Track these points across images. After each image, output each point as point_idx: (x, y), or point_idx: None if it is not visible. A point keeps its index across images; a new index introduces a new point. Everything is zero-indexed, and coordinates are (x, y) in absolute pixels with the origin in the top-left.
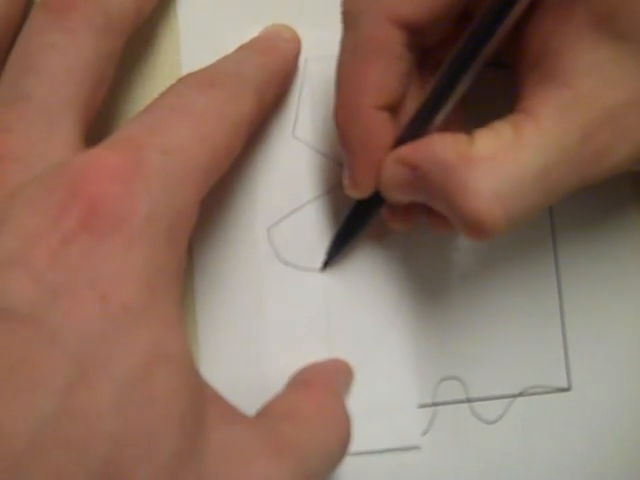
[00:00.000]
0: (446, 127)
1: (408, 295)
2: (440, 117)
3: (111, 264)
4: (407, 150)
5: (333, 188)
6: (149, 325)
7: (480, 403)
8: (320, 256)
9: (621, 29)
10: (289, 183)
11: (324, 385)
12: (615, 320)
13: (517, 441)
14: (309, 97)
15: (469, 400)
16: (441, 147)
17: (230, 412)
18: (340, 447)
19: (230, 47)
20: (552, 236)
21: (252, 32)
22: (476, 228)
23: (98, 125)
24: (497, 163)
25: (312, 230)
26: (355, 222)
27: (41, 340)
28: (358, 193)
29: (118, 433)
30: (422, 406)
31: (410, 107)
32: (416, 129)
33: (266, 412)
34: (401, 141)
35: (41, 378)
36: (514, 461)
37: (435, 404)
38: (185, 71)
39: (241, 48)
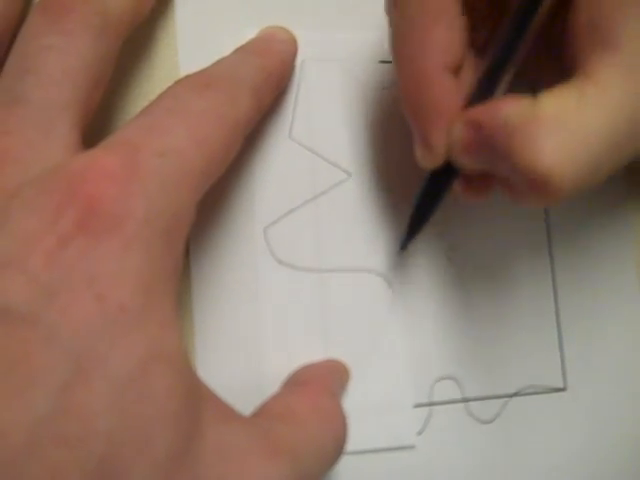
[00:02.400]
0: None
1: (404, 295)
2: (505, 80)
3: (108, 265)
4: (473, 112)
5: (329, 189)
6: (145, 325)
7: (476, 403)
8: (316, 255)
9: None
10: (285, 184)
11: (320, 385)
12: (610, 320)
13: (512, 441)
14: (305, 98)
15: (465, 400)
16: (506, 107)
17: (226, 411)
18: (336, 447)
19: (227, 49)
20: (547, 236)
21: (249, 34)
22: (541, 187)
23: (96, 127)
24: (562, 122)
25: (308, 230)
26: (429, 199)
27: (38, 339)
28: (431, 161)
29: (114, 431)
30: (418, 406)
31: (467, 71)
32: (482, 93)
33: (262, 412)
34: (468, 105)
35: (38, 377)
36: (509, 461)
37: (431, 404)
38: (183, 73)
39: (238, 50)
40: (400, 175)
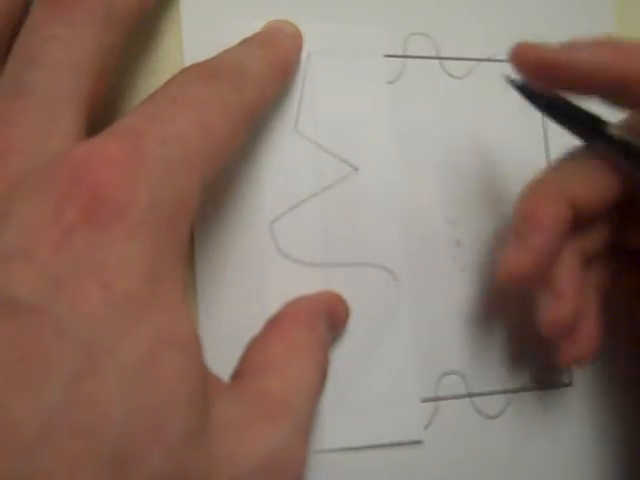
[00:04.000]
0: None
1: (410, 290)
2: None
3: (113, 253)
4: None
5: (335, 183)
6: (152, 311)
7: (482, 398)
8: (321, 249)
9: None
10: (291, 178)
11: (292, 319)
12: (616, 316)
13: (518, 436)
14: (311, 92)
15: (471, 395)
16: None
17: (221, 386)
18: (321, 379)
19: (232, 42)
20: None
21: (254, 27)
22: None
23: (101, 118)
24: None
25: (314, 225)
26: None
27: (47, 330)
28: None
29: (127, 418)
30: (424, 400)
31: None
32: None
33: (245, 369)
34: None
35: (49, 368)
36: (515, 455)
37: (437, 399)
38: (188, 64)
39: (243, 42)
40: (406, 169)
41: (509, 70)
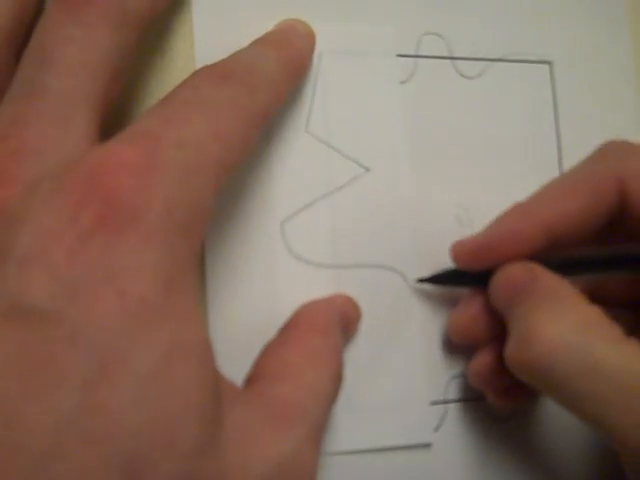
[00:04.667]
0: None
1: (420, 292)
2: None
3: (128, 259)
4: None
5: (346, 184)
6: (167, 318)
7: None
8: (332, 251)
9: None
10: (302, 178)
11: (308, 325)
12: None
13: (528, 439)
14: (323, 92)
15: (480, 397)
16: None
17: (234, 392)
18: (335, 386)
19: (244, 41)
20: None
21: (266, 26)
22: None
23: (112, 119)
24: None
25: (325, 225)
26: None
27: (61, 337)
28: None
29: (140, 427)
30: (433, 403)
31: None
32: None
33: (259, 373)
34: None
35: (63, 375)
36: (525, 458)
37: (447, 401)
38: (199, 65)
39: (255, 42)
40: (417, 169)
41: (522, 71)
